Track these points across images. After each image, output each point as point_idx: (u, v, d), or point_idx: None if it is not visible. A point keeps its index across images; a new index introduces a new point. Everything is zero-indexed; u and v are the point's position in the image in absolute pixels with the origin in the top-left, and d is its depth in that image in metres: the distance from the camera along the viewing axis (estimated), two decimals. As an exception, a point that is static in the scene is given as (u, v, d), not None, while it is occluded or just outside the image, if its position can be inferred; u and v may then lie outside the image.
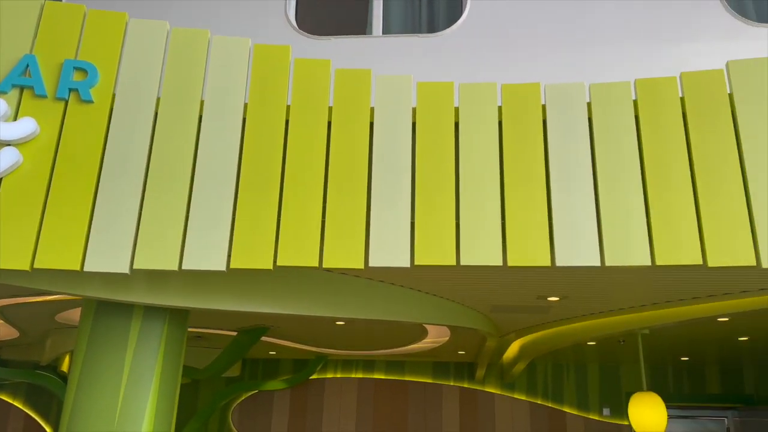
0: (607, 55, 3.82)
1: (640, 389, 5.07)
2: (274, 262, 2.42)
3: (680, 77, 2.56)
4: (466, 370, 7.26)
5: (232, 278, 3.28)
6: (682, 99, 2.53)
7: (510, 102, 2.63)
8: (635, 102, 2.56)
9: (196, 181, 2.52)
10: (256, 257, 2.41)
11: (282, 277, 3.51)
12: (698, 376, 7.11)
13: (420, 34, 4.01)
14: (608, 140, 2.52)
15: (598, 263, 2.36)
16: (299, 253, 2.41)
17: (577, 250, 2.39)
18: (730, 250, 2.28)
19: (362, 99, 2.64)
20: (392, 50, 3.96)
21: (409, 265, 2.42)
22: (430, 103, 2.65)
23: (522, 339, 5.70)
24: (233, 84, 2.68)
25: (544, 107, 2.62)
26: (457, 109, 2.65)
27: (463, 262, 2.43)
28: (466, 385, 7.18)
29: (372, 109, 2.65)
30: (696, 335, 5.18)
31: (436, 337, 5.41)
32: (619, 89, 2.58)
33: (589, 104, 2.60)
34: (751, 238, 2.29)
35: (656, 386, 7.04)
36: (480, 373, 6.78)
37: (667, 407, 6.91)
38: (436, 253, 2.44)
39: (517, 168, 2.53)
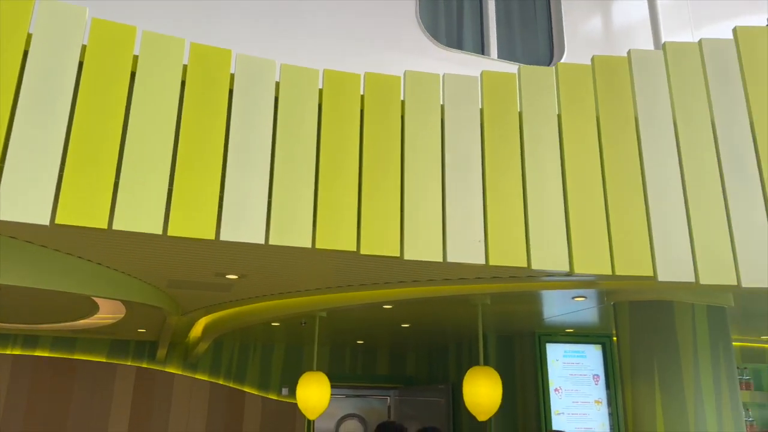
0: (309, 44, 3.92)
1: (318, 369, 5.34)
2: None
3: (364, 76, 2.70)
4: (147, 349, 6.81)
5: None
6: (362, 96, 2.67)
7: (196, 62, 2.47)
8: (321, 90, 2.62)
9: None
10: None
11: None
12: (371, 358, 7.86)
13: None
14: (290, 123, 2.53)
15: (262, 241, 2.35)
16: None
17: (244, 227, 2.33)
18: (380, 241, 2.47)
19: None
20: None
21: (47, 223, 2.08)
22: (104, 44, 2.34)
23: (207, 317, 5.55)
24: None
25: (233, 76, 2.52)
26: (136, 58, 2.38)
27: (115, 227, 2.18)
28: (144, 365, 6.74)
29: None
30: (368, 320, 5.68)
31: (110, 312, 4.92)
32: (307, 75, 2.61)
33: (278, 83, 2.58)
34: (399, 232, 2.52)
35: (334, 367, 7.57)
36: (162, 352, 6.43)
37: (342, 387, 7.55)
38: (86, 214, 2.15)
39: (193, 135, 2.37)
